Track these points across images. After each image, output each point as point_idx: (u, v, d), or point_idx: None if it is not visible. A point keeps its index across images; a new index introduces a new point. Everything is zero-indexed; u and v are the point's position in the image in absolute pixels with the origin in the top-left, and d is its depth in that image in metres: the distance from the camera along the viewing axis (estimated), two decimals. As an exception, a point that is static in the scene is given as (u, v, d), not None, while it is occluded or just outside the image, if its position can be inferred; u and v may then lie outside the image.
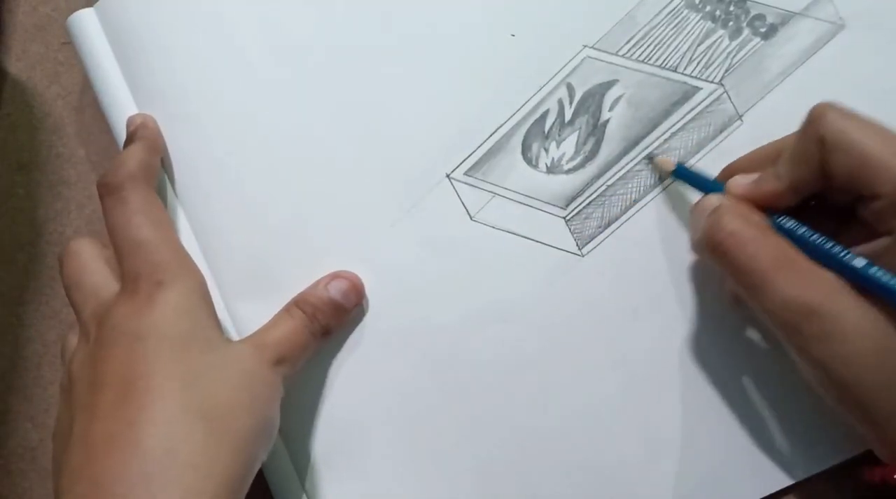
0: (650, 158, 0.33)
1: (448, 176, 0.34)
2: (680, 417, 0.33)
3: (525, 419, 0.33)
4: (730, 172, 0.31)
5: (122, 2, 0.35)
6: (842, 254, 0.26)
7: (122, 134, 0.34)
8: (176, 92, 0.35)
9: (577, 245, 0.33)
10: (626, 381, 0.33)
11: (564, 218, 0.33)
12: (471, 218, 0.34)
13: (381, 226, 0.34)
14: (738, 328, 0.32)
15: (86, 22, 0.35)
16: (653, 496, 0.32)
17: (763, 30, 0.33)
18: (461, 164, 0.34)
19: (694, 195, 0.32)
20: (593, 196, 0.33)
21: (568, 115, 0.34)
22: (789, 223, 0.28)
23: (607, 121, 0.33)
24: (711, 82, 0.33)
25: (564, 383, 0.33)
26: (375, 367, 0.34)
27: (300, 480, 0.33)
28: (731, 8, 0.33)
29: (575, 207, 0.33)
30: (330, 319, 0.32)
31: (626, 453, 0.33)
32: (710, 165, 0.33)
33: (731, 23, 0.33)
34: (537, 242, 0.33)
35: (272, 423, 0.30)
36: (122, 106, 0.35)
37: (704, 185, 0.31)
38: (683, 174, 0.32)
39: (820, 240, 0.27)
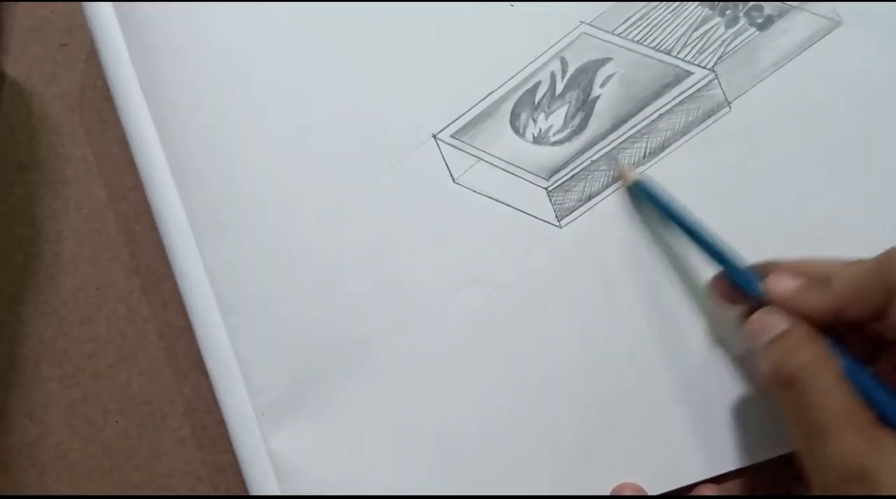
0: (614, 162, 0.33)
1: (434, 136, 0.34)
2: (644, 390, 0.33)
3: (491, 383, 0.33)
4: (766, 270, 0.30)
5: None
6: None
7: (127, 121, 0.34)
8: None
9: (556, 216, 0.33)
10: (591, 352, 0.33)
11: (546, 189, 0.34)
12: (453, 180, 0.34)
13: (364, 177, 0.34)
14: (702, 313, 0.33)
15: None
16: (614, 467, 0.32)
17: (759, 20, 0.33)
18: (449, 125, 0.34)
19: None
20: (577, 170, 0.34)
21: (559, 88, 0.34)
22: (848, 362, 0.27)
23: (597, 97, 0.34)
24: (703, 68, 0.33)
25: (531, 349, 0.33)
26: (346, 318, 0.34)
27: (257, 419, 0.33)
28: (729, -3, 0.34)
29: (558, 179, 0.34)
30: None
31: (589, 421, 0.33)
32: (695, 148, 0.33)
33: (728, 11, 0.34)
34: (517, 210, 0.34)
35: None
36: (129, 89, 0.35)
37: (722, 258, 0.30)
38: (679, 220, 0.31)
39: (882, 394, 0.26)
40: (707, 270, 0.32)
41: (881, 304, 0.27)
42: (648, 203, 0.32)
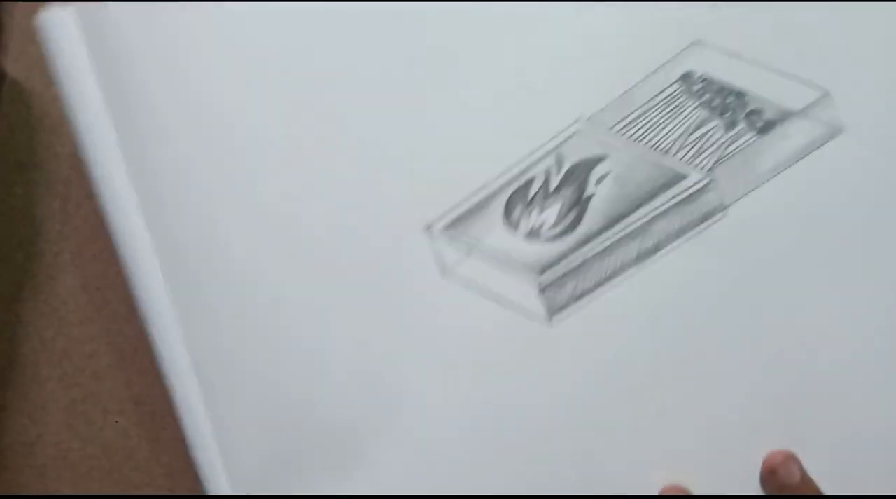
0: None
1: (426, 230, 0.34)
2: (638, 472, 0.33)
3: (477, 475, 0.33)
4: None
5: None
6: None
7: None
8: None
9: (547, 314, 0.33)
10: (584, 450, 0.33)
11: (538, 285, 0.33)
12: (443, 274, 0.34)
13: (349, 270, 0.34)
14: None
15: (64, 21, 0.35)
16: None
17: (759, 125, 0.33)
18: (440, 218, 0.34)
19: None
20: (569, 267, 0.33)
21: (553, 185, 0.34)
22: None
23: (592, 195, 0.33)
24: (700, 170, 0.33)
25: (519, 445, 0.33)
26: (327, 406, 0.33)
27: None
28: (729, 100, 0.33)
29: (550, 276, 0.33)
30: None
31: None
32: (689, 251, 0.33)
33: (727, 114, 0.33)
34: (508, 305, 0.33)
35: None
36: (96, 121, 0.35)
37: None
38: None
39: None
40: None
41: None
42: None
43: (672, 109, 0.33)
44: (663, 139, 0.33)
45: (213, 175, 0.34)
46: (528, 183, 0.34)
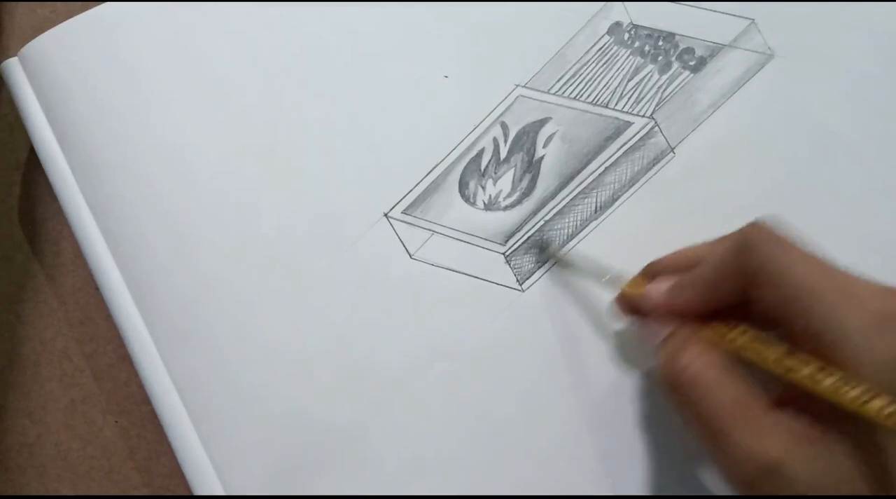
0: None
1: (386, 215, 0.34)
2: (632, 451, 0.32)
3: (473, 457, 0.33)
4: (653, 270, 0.30)
5: (44, 47, 0.36)
6: None
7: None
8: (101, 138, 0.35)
9: (517, 280, 0.33)
10: (572, 413, 0.32)
11: (504, 254, 0.34)
12: (410, 256, 0.34)
13: (320, 263, 0.34)
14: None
15: (13, 70, 0.36)
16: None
17: (692, 63, 0.33)
18: (399, 203, 0.34)
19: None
20: (531, 231, 0.34)
21: (503, 153, 0.34)
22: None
23: (542, 157, 0.34)
24: (643, 117, 0.33)
25: (511, 418, 0.33)
26: (319, 409, 0.33)
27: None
28: (660, 43, 0.34)
29: (514, 243, 0.34)
30: None
31: (576, 489, 0.32)
32: (645, 197, 0.33)
33: (660, 57, 0.34)
34: (478, 278, 0.34)
35: None
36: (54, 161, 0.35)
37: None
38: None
39: None
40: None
41: (743, 289, 0.25)
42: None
43: (606, 62, 0.34)
44: (602, 92, 0.34)
45: (170, 189, 0.35)
46: (479, 155, 0.34)
